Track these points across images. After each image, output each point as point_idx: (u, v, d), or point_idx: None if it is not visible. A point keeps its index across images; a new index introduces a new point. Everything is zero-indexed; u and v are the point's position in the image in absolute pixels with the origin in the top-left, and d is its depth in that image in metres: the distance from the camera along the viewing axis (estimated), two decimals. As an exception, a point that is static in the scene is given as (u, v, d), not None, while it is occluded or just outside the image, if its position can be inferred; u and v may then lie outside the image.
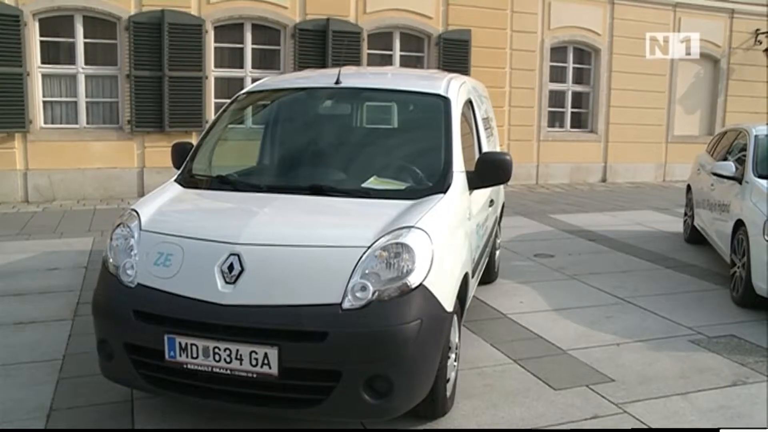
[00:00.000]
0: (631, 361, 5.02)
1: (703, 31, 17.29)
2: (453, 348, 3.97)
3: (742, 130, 8.23)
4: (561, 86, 16.13)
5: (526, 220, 10.67)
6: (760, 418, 4.23)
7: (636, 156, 16.71)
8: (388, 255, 3.48)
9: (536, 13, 15.27)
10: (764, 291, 6.03)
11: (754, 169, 7.07)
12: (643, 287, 7.01)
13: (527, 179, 15.43)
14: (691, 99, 17.68)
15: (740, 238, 6.54)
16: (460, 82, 5.24)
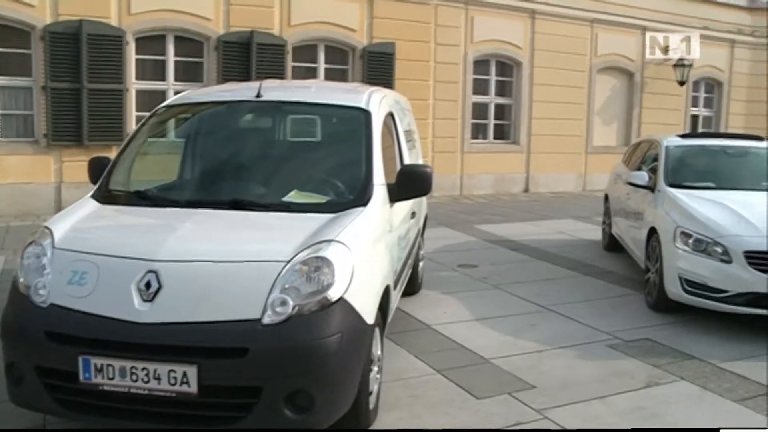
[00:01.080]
0: (552, 367, 5.14)
1: (618, 46, 17.95)
2: (375, 360, 3.98)
3: (654, 141, 8.54)
4: (484, 98, 16.42)
5: (450, 231, 10.79)
6: (673, 417, 4.39)
7: (557, 166, 17.11)
8: (308, 269, 3.47)
9: (459, 27, 15.51)
10: (676, 295, 6.27)
11: (666, 179, 7.35)
12: (564, 295, 7.17)
13: (451, 190, 15.61)
14: (608, 111, 18.26)
15: (654, 245, 6.77)
16: (381, 95, 5.28)
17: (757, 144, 8.24)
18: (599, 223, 10.39)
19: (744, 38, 20.19)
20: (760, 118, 17.56)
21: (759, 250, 5.80)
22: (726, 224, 6.13)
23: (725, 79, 20.28)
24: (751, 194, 6.94)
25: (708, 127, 20.29)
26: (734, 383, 4.93)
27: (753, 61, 20.50)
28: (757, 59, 20.51)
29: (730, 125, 20.00)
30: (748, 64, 20.46)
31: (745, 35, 20.21)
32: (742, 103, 20.53)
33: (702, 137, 9.33)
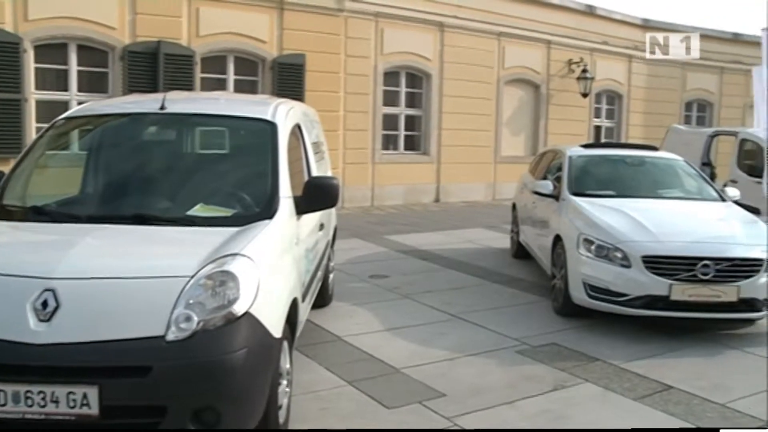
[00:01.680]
0: (462, 375, 5.21)
1: (524, 59, 18.46)
2: (284, 374, 3.94)
3: (558, 151, 8.82)
4: (394, 110, 16.56)
5: (361, 242, 10.82)
6: (578, 418, 4.52)
7: (467, 176, 17.39)
8: (212, 283, 3.41)
9: (369, 39, 15.61)
10: (580, 300, 6.48)
11: (569, 188, 7.60)
12: (474, 303, 7.29)
13: (363, 201, 15.66)
14: (516, 122, 18.72)
15: (559, 252, 6.97)
16: (288, 107, 5.26)
17: (652, 154, 8.65)
18: (508, 231, 10.62)
19: (640, 54, 21.10)
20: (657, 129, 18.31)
21: (655, 255, 6.07)
22: (625, 231, 6.38)
23: (624, 91, 21.15)
24: (648, 201, 7.28)
25: (610, 137, 21.08)
26: (634, 382, 5.13)
27: (648, 75, 21.49)
28: (652, 74, 21.50)
29: (630, 136, 20.84)
30: (645, 78, 21.43)
31: (641, 51, 21.13)
32: (640, 115, 21.45)
33: (603, 147, 9.68)
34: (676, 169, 8.30)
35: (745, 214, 7.28)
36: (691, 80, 22.60)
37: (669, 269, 6.02)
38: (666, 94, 21.94)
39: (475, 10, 17.09)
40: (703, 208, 7.37)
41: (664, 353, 5.81)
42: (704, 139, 14.29)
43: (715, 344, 6.12)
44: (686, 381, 5.18)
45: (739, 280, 6.05)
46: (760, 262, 6.14)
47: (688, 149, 13.72)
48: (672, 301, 6.01)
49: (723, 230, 6.73)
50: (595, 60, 19.76)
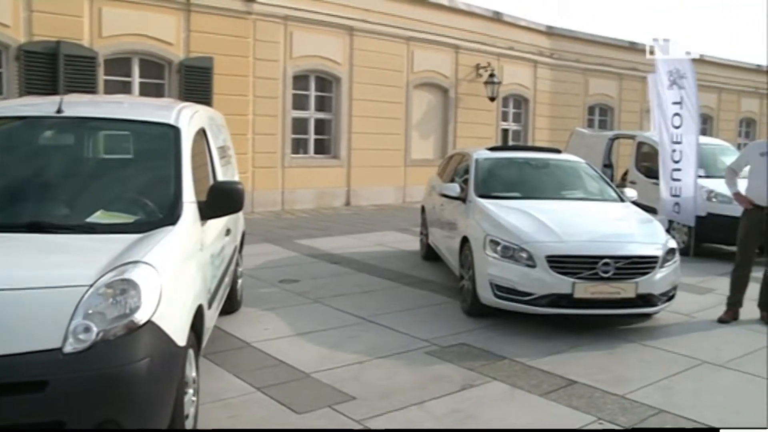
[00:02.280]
0: (372, 377, 5.23)
1: (433, 64, 18.72)
2: (190, 383, 3.87)
3: (465, 153, 8.97)
4: (304, 113, 16.52)
5: (271, 247, 10.73)
6: (486, 416, 4.61)
7: (377, 179, 17.53)
8: (113, 292, 3.32)
9: (279, 42, 15.52)
10: (488, 300, 6.61)
11: (476, 190, 7.75)
12: (384, 305, 7.34)
13: (273, 206, 15.55)
14: (425, 125, 18.97)
15: (466, 253, 7.09)
16: (192, 111, 5.16)
17: (555, 156, 8.92)
18: (418, 233, 10.73)
19: (544, 59, 21.80)
20: (562, 132, 18.90)
21: (559, 254, 6.27)
22: (530, 231, 6.55)
23: (530, 95, 21.76)
24: (552, 202, 7.50)
25: (517, 140, 21.65)
26: (540, 379, 5.28)
27: (553, 80, 22.20)
28: (556, 78, 22.23)
29: (536, 138, 21.48)
30: (549, 83, 22.13)
31: (545, 56, 21.81)
32: (546, 118, 22.12)
33: (509, 150, 9.90)
34: (578, 171, 8.58)
35: (642, 214, 7.60)
36: (593, 85, 23.51)
37: (572, 268, 6.22)
38: (570, 99, 22.71)
39: (384, 14, 17.24)
40: (603, 209, 7.63)
41: (568, 349, 5.99)
42: (605, 142, 14.87)
43: (615, 339, 6.36)
44: (588, 375, 5.36)
45: (637, 276, 6.31)
46: (655, 259, 6.43)
47: (590, 151, 14.25)
48: (575, 299, 6.21)
49: (622, 230, 7.00)
50: (502, 65, 20.25)
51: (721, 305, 7.35)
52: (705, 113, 26.97)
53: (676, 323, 6.96)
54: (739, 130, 30.16)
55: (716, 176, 9.91)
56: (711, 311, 7.41)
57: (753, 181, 7.18)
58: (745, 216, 7.23)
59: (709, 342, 6.40)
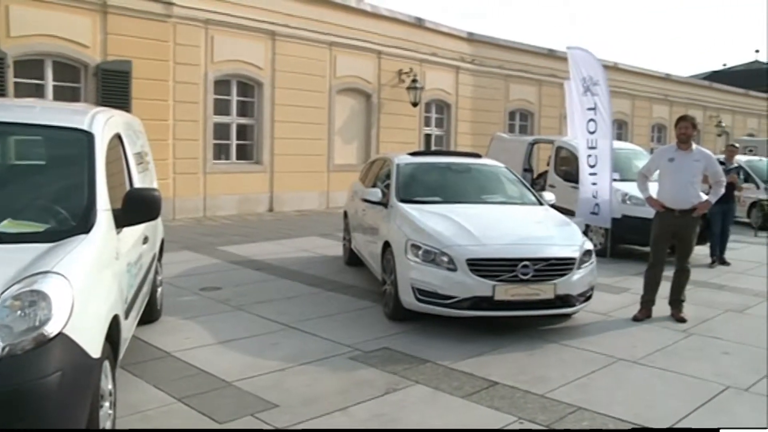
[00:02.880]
0: (295, 384, 5.19)
1: (356, 69, 18.76)
2: (106, 395, 3.76)
3: (387, 159, 9.03)
4: (226, 119, 16.30)
5: (193, 254, 10.54)
6: (409, 419, 4.64)
7: (301, 185, 17.43)
8: (21, 304, 3.19)
9: (199, 46, 15.28)
10: (410, 304, 6.66)
11: (397, 195, 7.80)
12: (307, 311, 7.30)
13: (195, 212, 15.30)
14: (348, 130, 18.97)
15: (388, 258, 7.13)
16: (107, 116, 5.03)
17: (476, 161, 9.06)
18: (341, 239, 10.73)
19: (466, 65, 22.13)
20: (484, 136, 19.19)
21: (479, 258, 6.37)
22: (450, 235, 6.63)
23: (453, 101, 22.03)
24: (473, 207, 7.62)
25: (440, 145, 21.87)
26: (462, 381, 5.35)
27: (474, 86, 22.56)
28: (477, 84, 22.60)
29: (459, 143, 21.75)
30: (471, 89, 22.47)
31: (467, 62, 22.16)
32: (468, 123, 22.44)
33: (430, 155, 9.99)
34: (498, 176, 8.74)
35: (560, 217, 7.80)
36: (514, 91, 24.01)
37: (492, 271, 6.33)
38: (491, 104, 23.12)
39: (306, 19, 17.20)
40: (522, 212, 7.80)
41: (490, 351, 6.09)
42: (525, 147, 15.21)
43: (535, 339, 6.50)
44: (510, 376, 5.47)
45: (555, 278, 6.47)
46: (573, 261, 6.61)
47: (511, 156, 14.55)
48: (496, 301, 6.32)
49: (540, 233, 7.16)
50: (424, 70, 20.44)
51: (635, 304, 7.63)
52: (620, 119, 28.06)
53: (593, 322, 7.17)
54: (651, 135, 31.35)
55: (631, 179, 10.24)
56: (626, 310, 7.68)
57: (663, 185, 7.49)
58: (657, 218, 7.52)
59: (625, 340, 6.62)
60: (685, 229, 7.39)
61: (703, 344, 6.57)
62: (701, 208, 7.34)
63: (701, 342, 6.65)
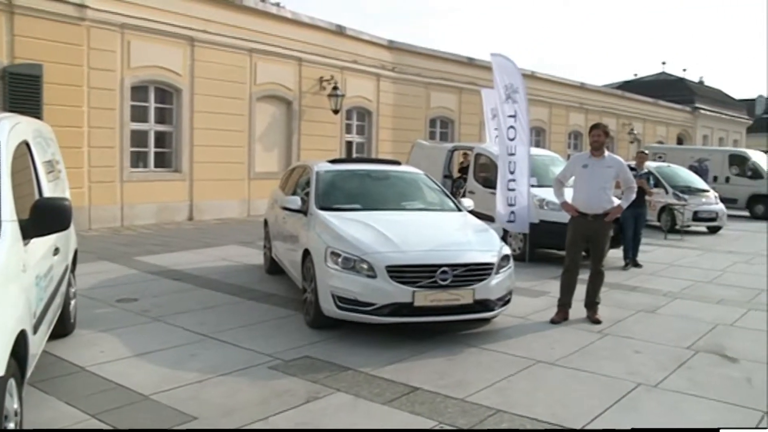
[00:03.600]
0: (214, 395, 5.11)
1: (277, 76, 18.63)
2: (11, 415, 3.60)
3: (306, 166, 8.99)
4: (143, 126, 15.93)
5: (109, 265, 10.26)
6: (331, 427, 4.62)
7: (221, 193, 17.20)
8: None
9: (115, 51, 14.87)
10: (331, 312, 6.64)
11: (317, 202, 7.78)
12: (227, 321, 7.20)
13: (111, 222, 14.88)
14: (269, 138, 18.81)
15: (308, 266, 7.09)
16: (12, 123, 4.84)
17: (395, 168, 9.12)
18: (262, 247, 10.63)
19: (387, 73, 22.28)
20: (405, 144, 19.35)
21: (399, 264, 6.40)
22: (370, 242, 6.65)
23: (374, 108, 22.13)
24: (392, 214, 7.66)
25: (361, 152, 21.96)
26: (383, 387, 5.36)
27: (395, 93, 22.73)
28: (398, 92, 22.78)
29: (380, 150, 21.88)
30: (392, 96, 22.63)
31: (388, 70, 22.31)
32: (389, 130, 22.58)
33: (350, 162, 10.00)
34: (417, 183, 8.82)
35: (478, 223, 7.92)
36: (434, 99, 24.30)
37: (412, 277, 6.37)
38: (412, 111, 23.33)
39: (225, 25, 17.00)
40: (442, 219, 7.89)
41: (411, 357, 6.12)
42: (445, 154, 15.41)
43: (456, 344, 6.57)
44: (430, 381, 5.51)
45: (474, 283, 6.56)
46: (491, 266, 6.72)
47: (431, 162, 14.74)
48: (416, 307, 6.37)
49: (459, 238, 7.26)
50: (345, 78, 20.48)
51: (553, 307, 7.82)
52: (538, 126, 28.79)
53: (512, 326, 7.31)
54: (568, 142, 32.25)
55: (548, 185, 10.50)
56: (544, 313, 7.86)
57: (577, 191, 7.71)
58: (572, 223, 7.73)
59: (543, 342, 6.78)
60: (598, 233, 7.62)
61: (616, 344, 6.79)
62: (613, 212, 7.60)
63: (615, 342, 6.86)
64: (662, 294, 9.31)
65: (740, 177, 23.77)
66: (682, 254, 13.41)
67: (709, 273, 11.21)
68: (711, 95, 50.71)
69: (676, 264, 12.11)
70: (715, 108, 47.98)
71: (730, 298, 9.22)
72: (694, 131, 44.22)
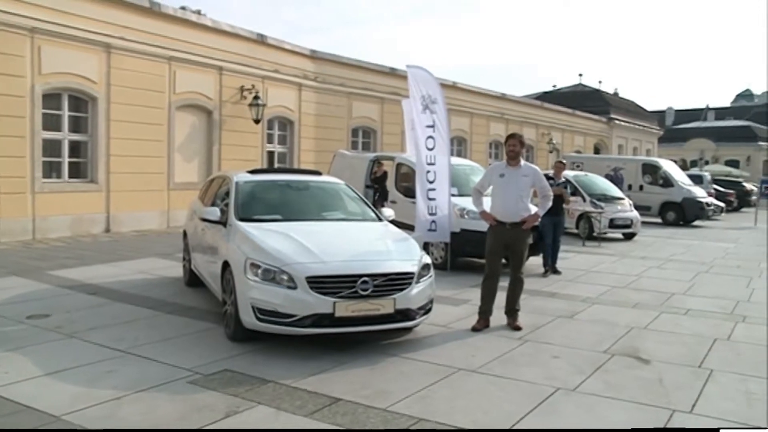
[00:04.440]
0: (131, 413, 4.99)
1: (196, 85, 18.37)
2: None
3: (226, 177, 8.90)
4: (57, 135, 15.45)
5: (19, 280, 9.88)
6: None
7: (139, 204, 16.83)
8: None
9: (24, 56, 14.36)
10: (251, 324, 6.57)
11: (236, 213, 7.70)
12: (145, 336, 7.03)
13: (22, 235, 14.35)
14: (189, 148, 18.52)
15: (228, 278, 7.00)
16: None
17: (316, 178, 9.13)
18: (181, 259, 10.43)
19: (309, 82, 22.25)
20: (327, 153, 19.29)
21: (319, 275, 6.39)
22: (290, 253, 6.62)
23: (296, 118, 22.05)
24: (313, 224, 7.67)
25: (283, 162, 21.85)
26: (305, 399, 5.34)
27: (318, 103, 22.72)
28: (320, 101, 22.78)
29: (302, 161, 21.82)
30: (314, 106, 22.62)
31: (310, 80, 22.28)
32: (311, 140, 22.55)
33: (270, 173, 9.93)
34: (338, 193, 8.84)
35: (398, 233, 7.99)
36: (357, 108, 24.42)
37: (332, 288, 6.37)
38: (334, 121, 23.37)
39: (143, 32, 16.69)
40: (362, 229, 7.92)
41: (332, 368, 6.11)
42: (367, 164, 15.48)
43: (377, 354, 6.60)
44: (352, 392, 5.51)
45: (395, 292, 6.61)
46: (411, 275, 6.78)
47: (353, 172, 14.80)
48: (337, 318, 6.36)
49: (379, 248, 7.29)
50: (267, 87, 20.37)
51: (474, 315, 7.94)
52: (459, 136, 29.25)
53: (434, 334, 7.39)
54: (489, 152, 32.86)
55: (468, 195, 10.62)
56: (465, 321, 7.98)
57: (495, 200, 7.87)
58: (491, 231, 7.88)
59: (464, 350, 6.87)
60: (516, 241, 7.78)
61: (536, 350, 6.94)
62: (530, 220, 7.77)
63: (534, 348, 7.02)
64: (580, 300, 9.57)
65: (653, 185, 24.74)
66: (600, 260, 13.83)
67: (625, 278, 11.60)
68: (625, 106, 52.58)
69: (594, 270, 12.48)
70: (629, 118, 49.76)
71: (644, 302, 9.56)
72: (610, 141, 45.74)
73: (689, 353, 6.97)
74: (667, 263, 13.81)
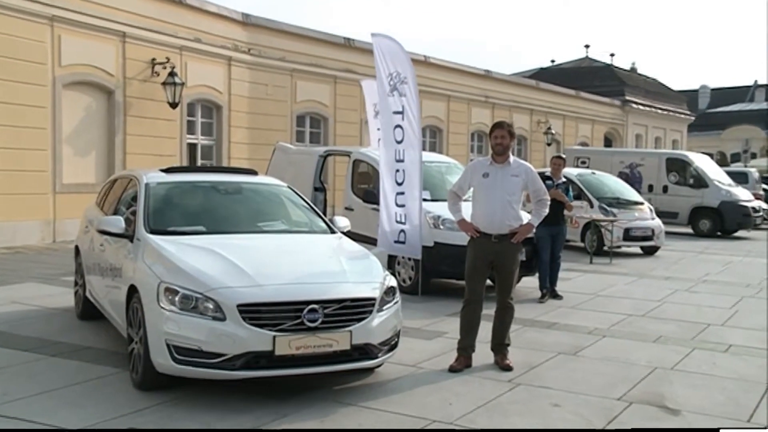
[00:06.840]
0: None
1: (91, 56, 18.20)
2: None
3: (132, 177, 8.85)
4: None
5: None
6: None
7: (13, 212, 16.63)
8: None
9: None
10: (166, 367, 6.51)
11: (147, 224, 7.66)
12: (17, 388, 6.85)
13: None
14: (83, 138, 18.44)
15: (135, 308, 6.95)
16: None
17: (251, 179, 9.13)
18: (72, 284, 10.34)
19: (241, 56, 22.18)
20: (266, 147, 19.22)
21: (254, 302, 6.39)
22: (216, 275, 6.61)
23: (224, 102, 22.04)
24: (246, 238, 7.68)
25: (209, 157, 21.82)
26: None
27: (252, 82, 22.70)
28: (256, 81, 22.73)
29: (233, 156, 21.79)
30: (248, 86, 22.60)
31: (242, 52, 22.19)
32: (246, 130, 22.55)
33: (191, 172, 9.89)
34: (279, 197, 8.88)
35: (356, 248, 8.04)
36: (302, 90, 24.40)
37: (271, 318, 6.39)
38: (274, 106, 23.35)
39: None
40: (310, 243, 7.97)
41: (272, 421, 6.11)
42: (316, 160, 15.42)
43: (329, 402, 6.61)
44: (297, 453, 5.53)
45: (351, 323, 6.64)
46: (372, 302, 6.84)
47: (298, 171, 14.76)
48: (278, 357, 6.37)
49: (331, 267, 7.31)
50: (186, 61, 20.34)
51: (452, 351, 7.98)
52: (433, 125, 29.41)
53: (400, 377, 7.42)
54: (471, 145, 33.06)
55: (443, 199, 10.70)
56: (441, 359, 8.03)
57: (477, 206, 7.91)
58: (472, 245, 7.93)
59: (439, 396, 6.90)
60: (504, 258, 7.84)
61: (530, 396, 7.00)
62: (522, 232, 7.83)
63: (528, 394, 7.07)
64: (587, 332, 9.69)
65: (680, 186, 24.94)
66: (611, 282, 14.01)
67: (644, 304, 11.76)
68: (644, 86, 53.24)
69: (604, 294, 12.64)
70: (649, 101, 50.34)
71: (670, 334, 9.69)
72: (625, 130, 46.34)
73: (731, 403, 6.99)
74: (699, 285, 14.00)
